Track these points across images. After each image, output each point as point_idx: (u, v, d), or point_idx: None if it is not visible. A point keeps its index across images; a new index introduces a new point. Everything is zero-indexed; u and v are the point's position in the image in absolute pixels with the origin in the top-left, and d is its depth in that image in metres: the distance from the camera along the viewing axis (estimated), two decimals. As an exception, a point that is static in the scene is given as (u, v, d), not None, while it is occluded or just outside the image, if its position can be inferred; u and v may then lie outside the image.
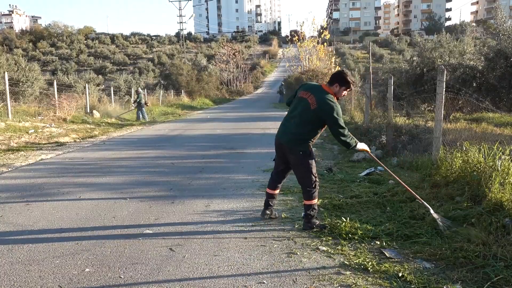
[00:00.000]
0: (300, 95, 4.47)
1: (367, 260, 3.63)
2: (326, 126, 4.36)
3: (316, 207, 4.48)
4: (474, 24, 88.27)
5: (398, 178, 4.85)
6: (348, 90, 4.48)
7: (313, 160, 4.45)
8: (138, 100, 20.33)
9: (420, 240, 4.02)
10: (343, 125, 4.25)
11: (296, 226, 4.55)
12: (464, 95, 11.72)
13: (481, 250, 3.61)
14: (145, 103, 20.93)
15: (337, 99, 4.39)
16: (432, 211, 4.39)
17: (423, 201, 4.58)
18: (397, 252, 3.83)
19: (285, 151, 4.50)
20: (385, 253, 3.80)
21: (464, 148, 5.62)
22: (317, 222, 4.47)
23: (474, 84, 14.37)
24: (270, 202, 4.78)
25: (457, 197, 4.84)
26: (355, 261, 3.63)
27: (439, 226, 4.20)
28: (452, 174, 5.39)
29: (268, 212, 4.78)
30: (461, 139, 6.56)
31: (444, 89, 6.11)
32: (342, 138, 4.26)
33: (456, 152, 5.65)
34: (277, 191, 4.82)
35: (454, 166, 5.46)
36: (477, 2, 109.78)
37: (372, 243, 4.05)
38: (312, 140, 4.44)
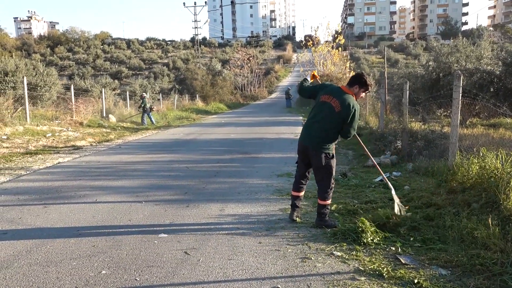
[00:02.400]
0: (323, 99, 4.62)
1: (382, 266, 3.61)
2: None
3: (329, 207, 4.73)
4: (491, 28, 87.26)
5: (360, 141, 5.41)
6: (366, 92, 4.71)
7: (335, 163, 4.67)
8: (142, 105, 20.26)
9: (436, 247, 3.99)
10: (356, 127, 4.62)
11: (311, 231, 4.54)
12: (481, 100, 11.59)
13: (499, 258, 3.56)
14: (150, 108, 20.73)
15: (356, 100, 4.62)
16: (393, 192, 4.94)
17: (387, 179, 5.15)
18: (413, 258, 3.80)
19: (309, 154, 4.65)
20: (400, 259, 3.77)
21: (481, 154, 5.55)
22: (329, 220, 4.68)
23: (492, 89, 14.20)
24: (297, 204, 4.89)
25: (474, 204, 4.78)
26: (370, 267, 3.61)
27: (395, 208, 4.70)
28: (468, 180, 5.32)
29: (296, 214, 4.88)
30: (478, 144, 6.49)
31: (460, 94, 6.05)
32: (348, 137, 4.61)
33: (472, 158, 5.58)
34: (302, 193, 4.93)
35: (470, 172, 5.39)
36: (495, 6, 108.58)
37: (387, 249, 4.03)
38: (335, 142, 4.68)
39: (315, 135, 4.60)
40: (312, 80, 5.21)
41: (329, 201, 4.69)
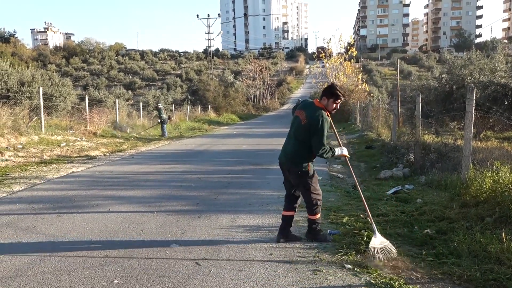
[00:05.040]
0: (296, 114, 4.58)
1: (394, 279, 3.59)
2: None
3: (319, 221, 4.62)
4: (505, 41, 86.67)
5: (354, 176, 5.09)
6: (338, 101, 4.43)
7: (313, 179, 4.47)
8: (160, 115, 20.06)
9: (449, 261, 3.95)
10: (324, 141, 4.25)
11: (322, 243, 4.53)
12: (495, 113, 11.49)
13: (513, 273, 3.52)
14: (169, 118, 20.52)
15: (330, 113, 4.41)
16: (376, 235, 4.25)
17: (372, 221, 4.52)
18: (426, 272, 3.77)
19: (285, 171, 4.58)
20: (412, 273, 3.74)
21: (495, 168, 5.51)
22: (320, 233, 4.62)
23: (506, 103, 14.05)
24: (284, 225, 4.63)
25: (487, 218, 4.73)
26: (381, 280, 3.59)
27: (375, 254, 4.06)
28: (482, 194, 5.28)
29: (281, 236, 4.61)
30: (491, 158, 6.43)
31: (473, 108, 6.02)
32: (318, 153, 4.28)
33: (486, 172, 5.54)
34: (293, 212, 4.69)
35: (484, 186, 5.35)
36: (509, 19, 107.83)
37: (399, 262, 3.99)
38: (310, 158, 4.43)
39: (287, 151, 4.52)
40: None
41: (317, 216, 4.55)
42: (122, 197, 6.81)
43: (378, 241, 4.22)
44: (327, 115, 4.36)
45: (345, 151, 4.61)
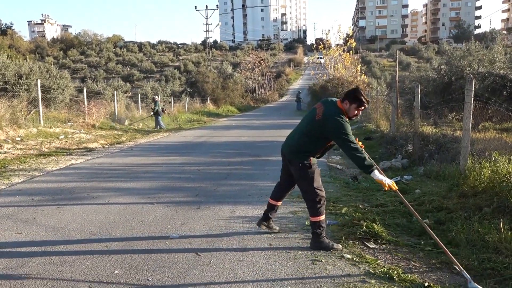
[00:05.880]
0: (316, 106, 4.29)
1: (393, 269, 3.62)
2: (331, 142, 4.15)
3: (323, 224, 4.16)
4: (505, 31, 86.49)
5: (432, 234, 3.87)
6: (361, 108, 4.07)
7: (316, 173, 4.18)
8: (156, 108, 19.86)
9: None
10: (352, 139, 3.90)
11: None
12: (494, 104, 11.49)
13: (511, 262, 3.55)
14: (162, 110, 20.45)
15: (350, 118, 4.06)
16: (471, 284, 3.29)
17: (461, 268, 3.46)
18: (424, 262, 3.80)
19: (286, 162, 4.38)
20: (411, 262, 3.77)
21: (493, 158, 5.53)
22: (326, 241, 4.15)
23: (504, 93, 14.06)
24: (269, 214, 4.59)
25: (485, 208, 4.76)
26: (380, 270, 3.61)
27: None
28: (480, 185, 5.30)
29: (265, 223, 4.60)
30: (490, 149, 6.45)
31: (472, 98, 6.03)
32: (354, 152, 3.89)
33: (484, 162, 5.56)
34: (279, 203, 4.64)
35: (482, 176, 5.37)
36: (508, 10, 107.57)
37: (397, 252, 4.02)
38: (313, 153, 4.18)
39: (291, 143, 4.29)
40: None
41: (321, 217, 4.13)
42: (122, 189, 6.82)
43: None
44: (347, 120, 3.99)
45: (390, 181, 3.92)
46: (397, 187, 3.93)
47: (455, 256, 3.80)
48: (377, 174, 3.90)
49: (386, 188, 3.86)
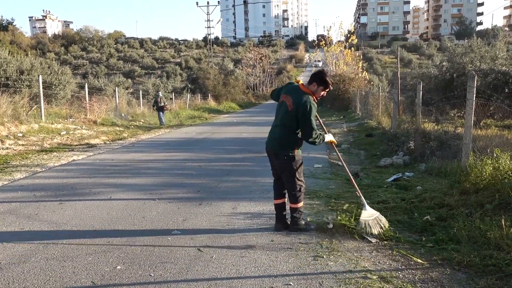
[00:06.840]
0: (281, 99, 4.51)
1: (394, 265, 3.62)
2: None
3: (302, 210, 4.55)
4: (507, 28, 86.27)
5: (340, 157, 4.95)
6: (326, 90, 4.46)
7: (299, 165, 4.43)
8: (159, 104, 19.81)
9: (449, 247, 3.98)
10: (314, 127, 4.23)
11: (323, 230, 4.56)
12: (496, 101, 11.48)
13: (512, 258, 3.55)
14: (164, 106, 20.47)
15: (316, 98, 4.41)
16: (366, 208, 4.46)
17: (360, 194, 4.65)
18: (425, 258, 3.81)
19: (272, 157, 4.55)
20: (413, 258, 3.78)
21: (495, 155, 5.52)
22: (303, 223, 4.56)
23: (506, 90, 14.03)
24: (279, 213, 4.63)
25: (487, 205, 4.76)
26: (381, 266, 3.62)
27: (366, 228, 4.30)
28: (482, 181, 5.30)
29: (279, 225, 4.60)
30: (492, 145, 6.44)
31: (474, 95, 6.02)
32: (310, 140, 4.27)
33: (486, 159, 5.56)
34: (284, 199, 4.68)
35: (484, 173, 5.37)
36: (510, 6, 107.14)
37: (399, 248, 4.03)
38: (298, 143, 4.40)
39: (274, 137, 4.47)
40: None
41: (299, 204, 4.47)
42: (124, 185, 6.84)
43: (367, 214, 4.37)
44: (314, 100, 4.36)
45: (331, 137, 4.60)
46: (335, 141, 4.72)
47: (456, 253, 3.81)
48: (326, 139, 4.48)
49: (335, 143, 4.68)
